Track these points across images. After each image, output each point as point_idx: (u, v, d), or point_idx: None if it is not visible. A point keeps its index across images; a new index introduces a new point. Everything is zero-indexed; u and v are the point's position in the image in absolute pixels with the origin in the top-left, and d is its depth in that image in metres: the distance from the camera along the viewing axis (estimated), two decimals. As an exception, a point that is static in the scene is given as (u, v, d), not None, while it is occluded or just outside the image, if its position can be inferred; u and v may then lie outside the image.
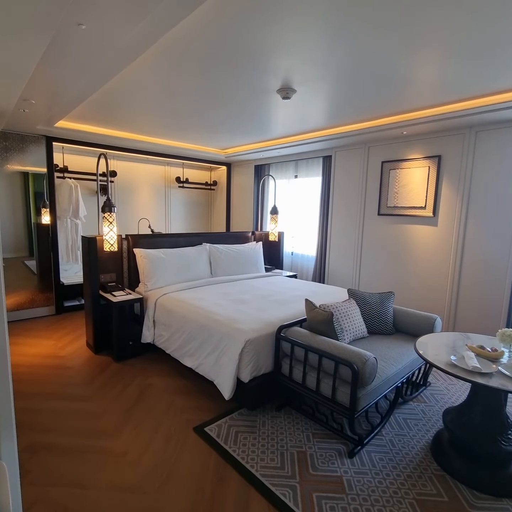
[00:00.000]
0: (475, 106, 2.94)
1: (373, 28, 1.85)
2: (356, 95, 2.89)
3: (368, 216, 4.38)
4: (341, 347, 2.14)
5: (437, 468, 2.00)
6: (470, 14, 1.70)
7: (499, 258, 3.36)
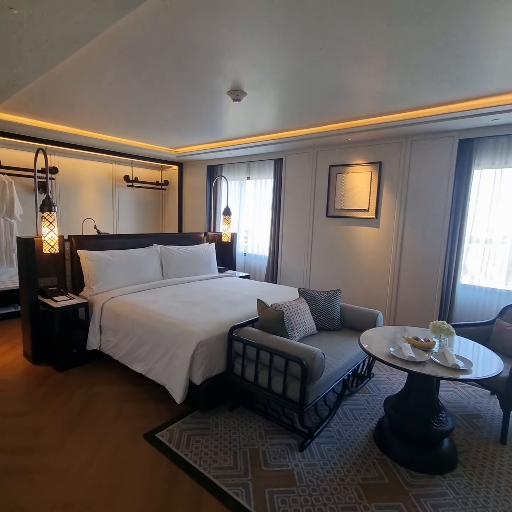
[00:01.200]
0: (409, 117, 3.20)
1: (317, 39, 1.93)
2: (303, 101, 3.00)
3: (317, 218, 4.56)
4: (291, 345, 2.21)
5: (379, 453, 2.15)
6: (408, 34, 1.85)
7: (432, 258, 3.68)
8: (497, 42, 1.92)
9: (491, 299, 3.44)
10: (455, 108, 2.96)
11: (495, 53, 2.04)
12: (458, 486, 1.90)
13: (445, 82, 2.49)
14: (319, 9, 1.66)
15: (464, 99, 2.84)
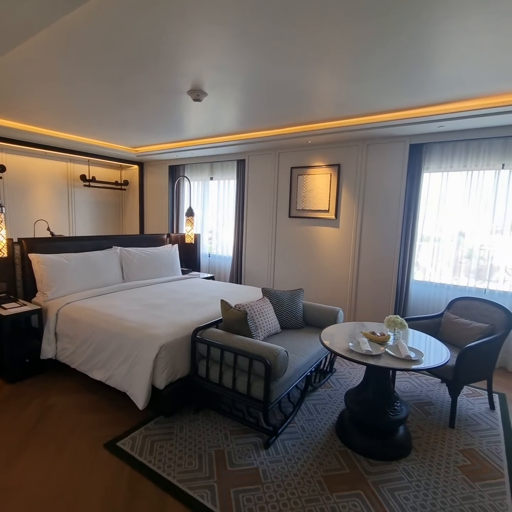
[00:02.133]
0: (365, 122, 3.36)
1: (276, 43, 1.97)
2: (264, 103, 3.04)
3: (280, 218, 4.64)
4: (254, 344, 2.23)
5: (340, 444, 2.23)
6: (364, 43, 1.94)
7: (387, 256, 3.88)
8: (440, 55, 2.07)
9: (440, 293, 3.70)
10: (405, 115, 3.15)
11: (439, 65, 2.20)
12: (412, 470, 2.02)
13: (397, 90, 2.64)
14: (276, 13, 1.69)
15: (413, 107, 3.03)
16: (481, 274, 3.51)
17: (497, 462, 2.10)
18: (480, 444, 2.27)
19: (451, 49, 1.99)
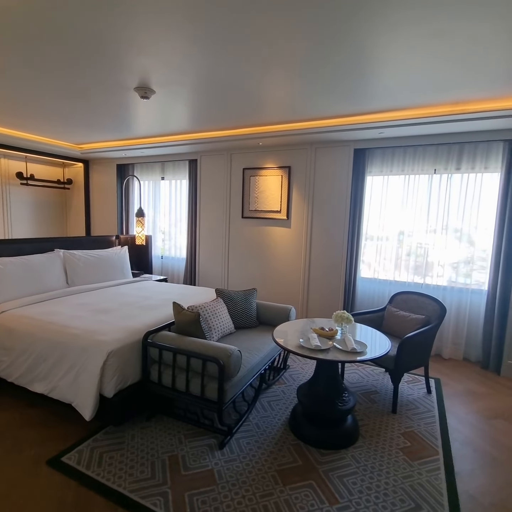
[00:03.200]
0: (312, 127, 3.49)
1: (224, 44, 1.99)
2: (215, 104, 3.04)
3: (233, 219, 4.66)
4: (208, 345, 2.23)
5: (293, 438, 2.30)
6: (311, 51, 2.02)
7: (336, 255, 4.07)
8: (379, 68, 2.22)
9: (384, 288, 3.96)
10: (350, 121, 3.33)
11: (378, 77, 2.36)
12: (359, 456, 2.14)
13: (342, 97, 2.78)
14: (225, 14, 1.71)
15: (357, 114, 3.21)
16: (419, 270, 3.82)
17: (433, 441, 2.30)
18: (419, 426, 2.47)
19: (389, 62, 2.14)
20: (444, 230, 3.66)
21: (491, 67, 2.17)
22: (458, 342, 3.68)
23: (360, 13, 1.64)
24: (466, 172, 3.49)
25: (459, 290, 3.66)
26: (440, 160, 3.56)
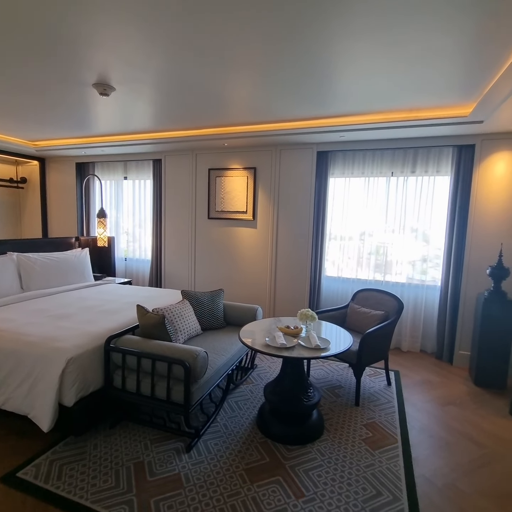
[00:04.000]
0: (276, 129, 3.55)
1: (185, 44, 1.97)
2: (178, 103, 3.00)
3: (199, 219, 4.62)
4: (173, 348, 2.20)
5: (261, 436, 2.33)
6: (272, 54, 2.05)
7: (301, 254, 4.16)
8: (338, 73, 2.30)
9: (347, 286, 4.10)
10: (312, 124, 3.42)
11: (338, 82, 2.44)
12: (324, 449, 2.21)
13: (304, 101, 2.85)
14: (186, 14, 1.70)
15: (319, 117, 3.30)
16: (380, 268, 4.00)
17: (392, 430, 2.43)
18: (380, 416, 2.59)
19: (347, 69, 2.23)
20: (402, 229, 3.86)
21: (443, 77, 2.32)
22: (415, 335, 3.89)
23: (318, 20, 1.70)
24: (420, 175, 3.71)
25: (415, 287, 3.87)
26: (396, 164, 3.75)
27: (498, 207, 3.38)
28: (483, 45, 1.87)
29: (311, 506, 1.78)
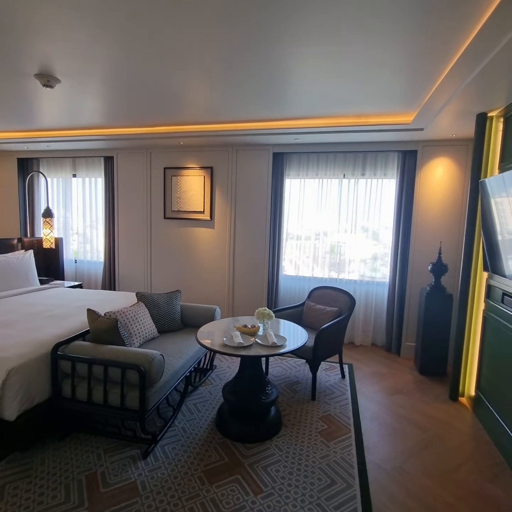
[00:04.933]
0: (232, 129, 3.56)
1: (136, 41, 1.91)
2: (130, 100, 2.90)
3: (155, 219, 4.50)
4: (127, 352, 2.13)
5: (220, 437, 2.33)
6: (228, 56, 2.05)
7: (259, 254, 4.21)
8: (292, 79, 2.36)
9: (304, 284, 4.22)
10: (268, 126, 3.47)
11: (291, 87, 2.51)
12: (282, 444, 2.26)
13: (257, 102, 2.88)
14: (134, 8, 1.65)
15: (274, 119, 3.36)
16: (334, 266, 4.17)
17: (346, 421, 2.55)
18: (335, 409, 2.70)
19: (300, 76, 2.29)
20: (354, 229, 4.05)
21: (386, 87, 2.47)
22: (367, 330, 4.11)
23: (270, 26, 1.73)
24: (370, 177, 3.92)
25: (367, 283, 4.09)
26: (348, 166, 3.93)
27: (437, 208, 3.67)
28: (422, 59, 2.02)
29: (269, 501, 1.81)
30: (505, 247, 2.25)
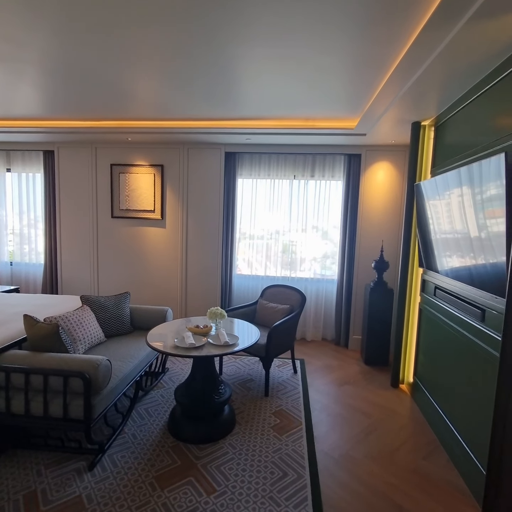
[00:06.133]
0: (183, 126, 3.49)
1: (80, 29, 1.81)
2: (71, 90, 2.72)
3: (102, 218, 4.28)
4: (70, 359, 2.00)
5: (173, 440, 2.28)
6: (177, 56, 2.00)
7: (212, 254, 4.18)
8: (242, 80, 2.38)
9: (257, 283, 4.27)
10: (219, 125, 3.46)
11: (240, 87, 2.52)
12: (235, 442, 2.28)
13: (207, 101, 2.86)
14: None
15: (226, 118, 3.36)
16: (286, 265, 4.27)
17: (297, 414, 2.63)
18: (287, 403, 2.77)
19: (250, 78, 2.32)
20: (305, 229, 4.18)
21: (333, 92, 2.58)
22: (317, 325, 4.27)
23: (221, 30, 1.74)
24: (319, 179, 4.07)
25: (317, 281, 4.24)
26: (298, 168, 4.05)
27: (380, 209, 3.92)
28: (365, 67, 2.14)
29: (223, 500, 1.82)
30: (438, 245, 2.47)
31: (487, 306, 1.88)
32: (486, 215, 1.80)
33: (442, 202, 2.32)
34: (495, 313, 1.79)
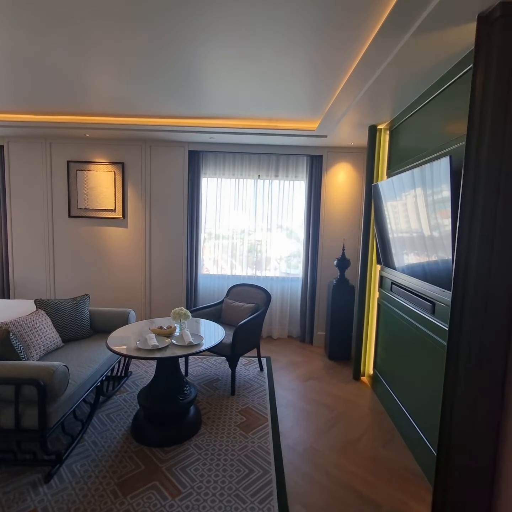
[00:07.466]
0: (144, 124, 3.41)
1: (33, 13, 1.71)
2: (23, 82, 2.56)
3: (58, 218, 4.07)
4: (21, 366, 1.89)
5: (136, 445, 2.22)
6: (138, 53, 1.94)
7: (177, 254, 4.12)
8: (203, 78, 2.36)
9: (223, 283, 4.26)
10: (182, 123, 3.41)
11: (202, 85, 2.51)
12: (201, 442, 2.26)
13: (169, 98, 2.82)
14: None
15: (188, 117, 3.32)
16: (252, 264, 4.30)
17: (263, 411, 2.66)
18: (253, 401, 2.79)
19: (211, 76, 2.31)
20: (270, 228, 4.23)
21: (295, 92, 2.63)
22: (283, 323, 4.34)
23: (183, 28, 1.72)
24: (283, 179, 4.14)
25: (283, 280, 4.31)
26: (262, 168, 4.09)
27: (341, 208, 4.06)
28: (324, 69, 2.21)
29: (188, 501, 1.80)
30: (394, 243, 2.60)
31: (437, 300, 2.01)
32: (436, 215, 1.92)
33: (399, 203, 2.44)
34: (443, 306, 1.93)
